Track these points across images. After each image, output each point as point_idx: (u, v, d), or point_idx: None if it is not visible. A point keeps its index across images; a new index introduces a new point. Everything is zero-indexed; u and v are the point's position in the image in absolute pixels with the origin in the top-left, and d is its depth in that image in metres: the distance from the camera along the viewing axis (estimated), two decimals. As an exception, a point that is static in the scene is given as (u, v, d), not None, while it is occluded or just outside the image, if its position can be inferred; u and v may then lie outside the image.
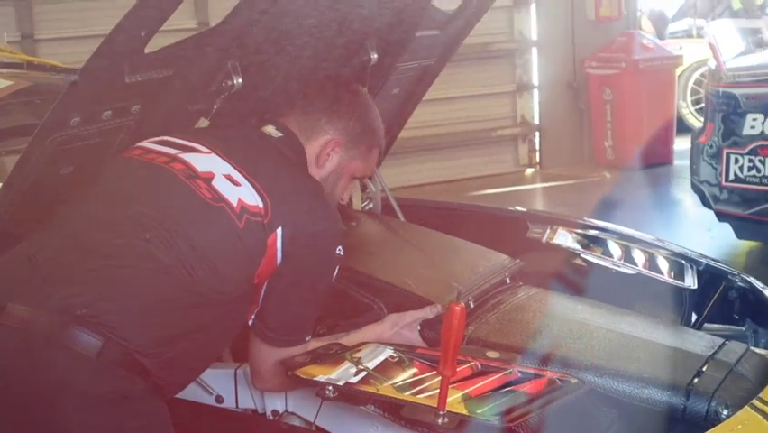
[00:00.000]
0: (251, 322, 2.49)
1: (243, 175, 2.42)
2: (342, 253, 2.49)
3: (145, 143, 2.53)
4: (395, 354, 2.53)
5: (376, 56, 3.28)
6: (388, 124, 3.85)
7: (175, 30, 2.62)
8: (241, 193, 2.39)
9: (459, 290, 2.25)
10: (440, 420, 2.23)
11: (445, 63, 3.79)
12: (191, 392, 2.61)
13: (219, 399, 2.66)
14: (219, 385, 2.67)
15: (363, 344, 2.59)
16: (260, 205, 2.39)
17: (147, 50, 2.41)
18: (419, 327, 2.75)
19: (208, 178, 2.41)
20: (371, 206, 3.81)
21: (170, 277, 2.28)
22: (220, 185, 2.40)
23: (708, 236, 6.87)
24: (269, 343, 2.49)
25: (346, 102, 2.71)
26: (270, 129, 2.63)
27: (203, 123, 2.82)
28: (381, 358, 2.50)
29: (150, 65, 2.48)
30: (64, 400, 2.15)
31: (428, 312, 2.75)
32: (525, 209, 3.91)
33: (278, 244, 2.39)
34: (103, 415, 2.17)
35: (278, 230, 2.39)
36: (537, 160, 9.94)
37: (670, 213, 8.20)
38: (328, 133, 2.66)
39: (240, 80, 2.74)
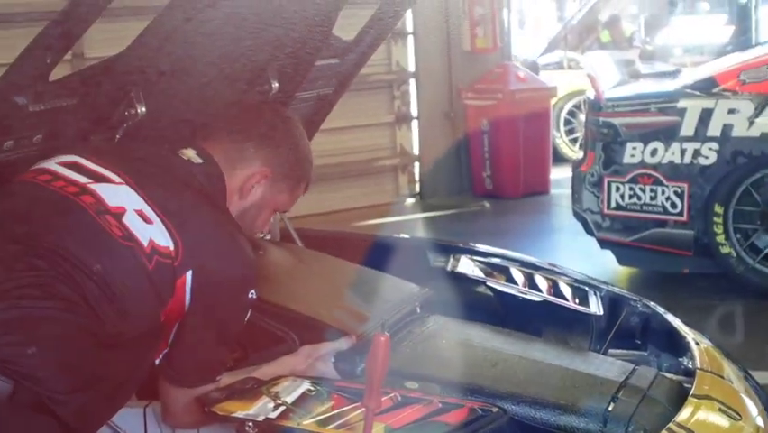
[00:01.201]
0: (157, 362, 2.40)
1: (156, 212, 2.31)
2: (254, 297, 2.41)
3: (53, 166, 2.39)
4: (312, 388, 2.47)
5: (277, 84, 3.23)
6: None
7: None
8: (152, 232, 2.29)
9: (383, 321, 2.21)
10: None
11: (343, 92, 3.77)
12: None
13: (127, 439, 2.57)
14: (127, 424, 2.56)
15: (280, 377, 2.52)
16: (171, 247, 2.29)
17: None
18: (333, 359, 2.69)
19: (119, 213, 2.30)
20: (269, 236, 3.75)
21: (79, 316, 2.18)
22: (131, 222, 2.29)
23: (590, 262, 6.97)
24: (176, 383, 2.41)
25: (280, 130, 2.62)
26: (191, 153, 2.51)
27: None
28: (299, 392, 2.44)
29: (55, 93, 2.40)
30: None
31: (342, 344, 2.70)
32: (425, 238, 3.90)
33: (187, 288, 2.30)
34: None
35: (188, 273, 2.30)
36: (417, 190, 9.98)
37: (552, 240, 8.32)
38: (255, 163, 2.55)
39: (143, 109, 2.67)
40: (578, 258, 6.96)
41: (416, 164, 10.00)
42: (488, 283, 3.44)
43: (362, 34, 3.56)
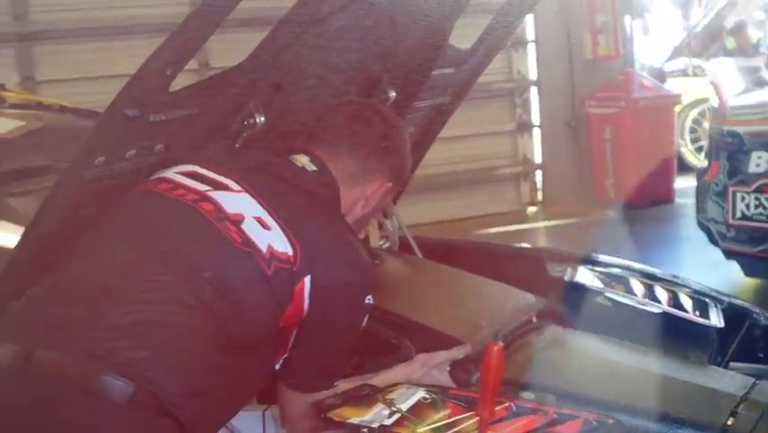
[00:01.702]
0: (277, 367, 2.44)
1: (274, 219, 2.35)
2: (371, 302, 2.43)
3: (173, 175, 2.44)
4: (427, 396, 2.47)
5: (394, 94, 3.25)
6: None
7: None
8: (271, 238, 2.33)
9: (497, 330, 2.21)
10: (479, 463, 2.18)
11: (460, 101, 3.77)
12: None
13: (246, 442, 2.61)
14: (246, 428, 2.61)
15: (395, 385, 2.54)
16: (290, 252, 2.32)
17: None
18: (448, 368, 2.70)
19: (238, 220, 2.33)
20: (388, 244, 3.77)
21: (199, 321, 2.22)
22: (250, 228, 2.33)
23: (715, 274, 6.84)
24: (295, 389, 2.44)
25: (394, 139, 2.65)
26: (304, 160, 2.54)
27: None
28: (414, 400, 2.44)
29: (174, 104, 2.44)
30: None
31: (458, 352, 2.70)
32: (544, 247, 3.88)
33: (306, 293, 2.33)
34: None
35: (306, 278, 2.32)
36: (539, 198, 9.93)
37: (676, 251, 8.18)
38: (379, 175, 2.60)
39: (262, 118, 2.71)
40: (702, 269, 6.84)
41: (538, 172, 9.95)
42: (606, 294, 3.41)
43: (479, 43, 3.55)
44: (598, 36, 9.70)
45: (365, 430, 2.28)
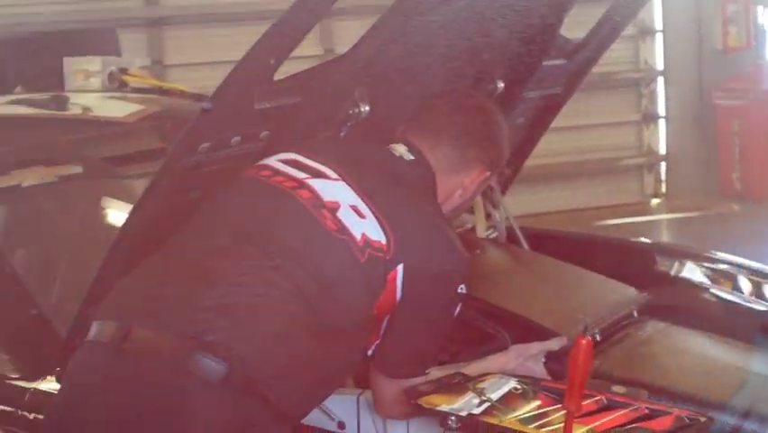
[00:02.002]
0: (370, 352, 2.48)
1: (369, 208, 2.39)
2: (464, 292, 2.45)
3: (274, 162, 2.50)
4: (519, 386, 2.49)
5: (502, 85, 3.26)
6: (513, 154, 3.83)
7: (300, 57, 2.61)
8: (365, 227, 2.37)
9: (586, 324, 2.20)
10: (564, 455, 2.19)
11: (572, 92, 3.76)
12: (313, 418, 2.61)
13: (341, 425, 2.64)
14: (341, 411, 2.65)
15: (487, 374, 2.56)
16: (383, 241, 2.36)
17: (275, 78, 2.43)
18: (544, 359, 2.71)
19: (334, 208, 2.39)
20: (495, 234, 3.78)
21: (292, 305, 2.28)
22: (345, 216, 2.38)
23: None
24: (387, 375, 2.48)
25: (494, 129, 2.69)
26: (402, 149, 2.58)
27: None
28: (505, 389, 2.46)
29: (279, 92, 2.49)
30: (188, 427, 2.16)
31: (553, 344, 2.70)
32: (653, 241, 3.84)
33: (399, 281, 2.37)
34: None
35: (399, 267, 2.36)
36: (663, 190, 9.79)
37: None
38: (478, 165, 2.63)
39: (367, 108, 2.75)
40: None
41: (662, 164, 9.81)
42: (711, 290, 3.37)
43: (592, 34, 3.54)
44: (729, 26, 9.51)
45: (453, 418, 2.31)
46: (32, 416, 2.59)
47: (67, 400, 2.32)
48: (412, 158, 2.57)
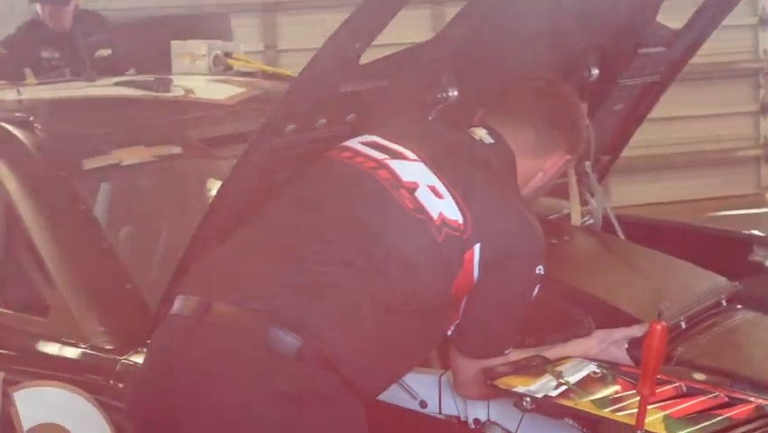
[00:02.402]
0: (450, 333, 2.52)
1: (447, 188, 2.43)
2: (542, 273, 2.47)
3: (355, 144, 2.55)
4: (598, 370, 2.50)
5: (596, 72, 3.25)
6: (610, 141, 3.84)
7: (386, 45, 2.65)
8: (442, 206, 2.40)
9: (662, 309, 2.20)
10: (637, 439, 2.19)
11: (671, 81, 3.73)
12: (396, 396, 2.65)
13: (423, 404, 2.68)
14: (423, 390, 2.69)
15: (566, 358, 2.57)
16: (460, 220, 2.39)
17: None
18: (626, 346, 2.70)
19: (412, 188, 2.42)
20: (591, 221, 3.77)
21: (369, 284, 2.32)
22: (423, 196, 2.41)
23: None
24: (467, 355, 2.51)
25: (572, 111, 2.70)
26: (482, 133, 2.60)
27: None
28: (583, 373, 2.48)
29: (365, 76, 2.54)
30: (263, 399, 2.22)
31: (636, 331, 2.69)
32: (755, 232, 3.79)
33: (475, 261, 2.40)
34: (299, 412, 2.23)
35: (476, 246, 2.39)
36: (781, 182, 9.61)
37: None
38: (560, 148, 2.64)
39: (455, 93, 2.77)
40: None
41: (781, 156, 9.63)
42: (805, 281, 3.32)
43: (692, 23, 3.51)
44: None
45: (528, 399, 2.33)
46: (121, 386, 2.67)
47: (148, 371, 2.41)
48: (492, 141, 2.59)
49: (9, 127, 3.29)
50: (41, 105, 3.59)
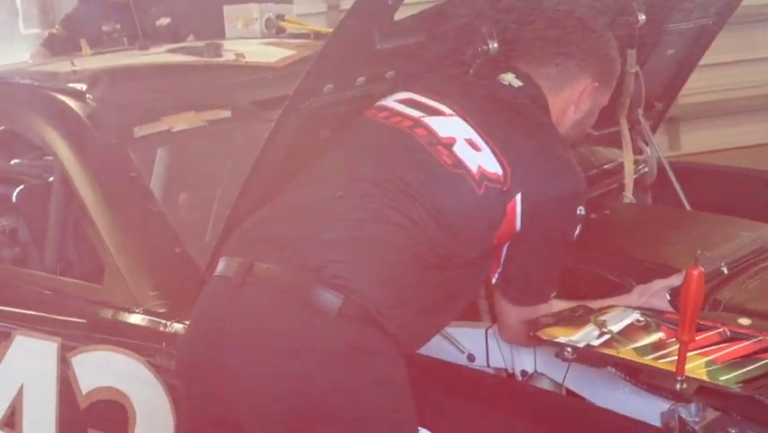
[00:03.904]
0: (494, 281, 2.53)
1: (484, 140, 2.44)
2: (583, 213, 2.47)
3: (391, 103, 2.56)
4: (641, 319, 2.49)
5: (644, 17, 3.22)
6: (663, 88, 3.80)
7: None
8: (481, 159, 2.42)
9: (698, 255, 2.19)
10: (678, 386, 2.18)
11: (724, 23, 3.67)
12: (444, 350, 2.68)
13: (471, 357, 2.70)
14: (471, 344, 2.71)
15: (610, 307, 2.57)
16: (500, 172, 2.40)
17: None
18: (669, 296, 2.69)
19: (449, 143, 2.44)
20: (646, 170, 3.75)
21: (409, 239, 2.34)
22: (461, 151, 2.42)
23: None
24: (512, 302, 2.53)
25: (594, 40, 2.68)
26: (510, 77, 2.61)
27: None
28: (627, 322, 2.47)
29: (401, 32, 2.53)
30: (305, 355, 2.25)
31: (675, 280, 2.67)
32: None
33: (518, 210, 2.41)
34: (342, 368, 2.26)
35: (518, 196, 2.40)
36: None
37: None
38: (583, 79, 2.63)
39: (495, 45, 2.76)
40: None
41: None
42: None
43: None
44: None
45: (569, 349, 2.34)
46: (173, 349, 2.72)
47: (194, 332, 2.46)
48: (521, 84, 2.60)
49: (62, 98, 3.37)
50: (94, 75, 3.64)
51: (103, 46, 5.04)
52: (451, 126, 2.47)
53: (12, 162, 3.91)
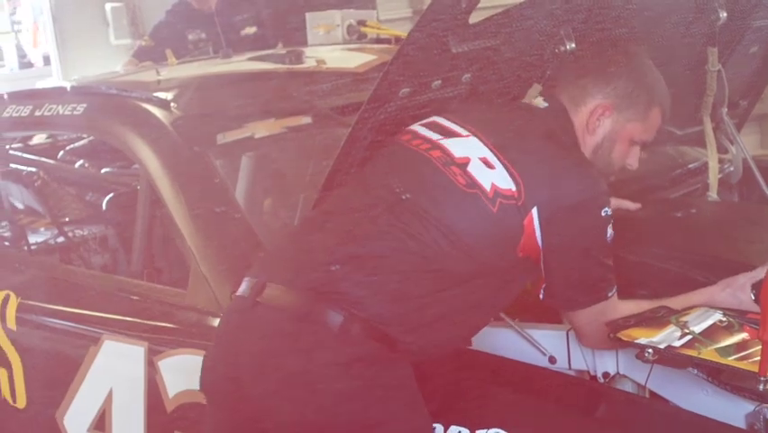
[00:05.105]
0: (541, 296, 2.54)
1: (498, 158, 2.45)
2: (609, 213, 2.46)
3: (416, 127, 2.60)
4: (724, 319, 2.46)
5: (725, 14, 3.19)
6: (747, 85, 3.75)
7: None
8: (494, 177, 2.43)
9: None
10: (762, 386, 2.16)
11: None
12: (525, 353, 2.68)
13: (552, 360, 2.70)
14: (552, 347, 2.70)
15: (692, 307, 2.54)
16: (513, 188, 2.41)
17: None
18: (753, 295, 2.65)
19: (464, 164, 2.46)
20: (732, 169, 3.70)
21: (415, 256, 2.38)
22: (475, 170, 2.44)
23: None
24: (571, 309, 2.54)
25: (617, 64, 2.67)
26: (538, 101, 2.66)
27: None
28: (709, 322, 2.44)
29: (476, 35, 2.55)
30: (310, 371, 2.31)
31: (760, 272, 2.63)
32: None
33: (536, 223, 2.42)
34: (348, 381, 2.31)
35: (534, 210, 2.41)
36: None
37: None
38: (596, 98, 2.63)
39: (573, 45, 2.76)
40: None
41: None
42: None
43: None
44: None
45: (650, 351, 2.32)
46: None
47: (214, 349, 2.55)
48: (546, 105, 2.65)
49: (148, 107, 3.43)
50: (179, 84, 3.69)
51: (188, 55, 5.11)
52: (466, 147, 2.50)
53: (102, 171, 3.99)
